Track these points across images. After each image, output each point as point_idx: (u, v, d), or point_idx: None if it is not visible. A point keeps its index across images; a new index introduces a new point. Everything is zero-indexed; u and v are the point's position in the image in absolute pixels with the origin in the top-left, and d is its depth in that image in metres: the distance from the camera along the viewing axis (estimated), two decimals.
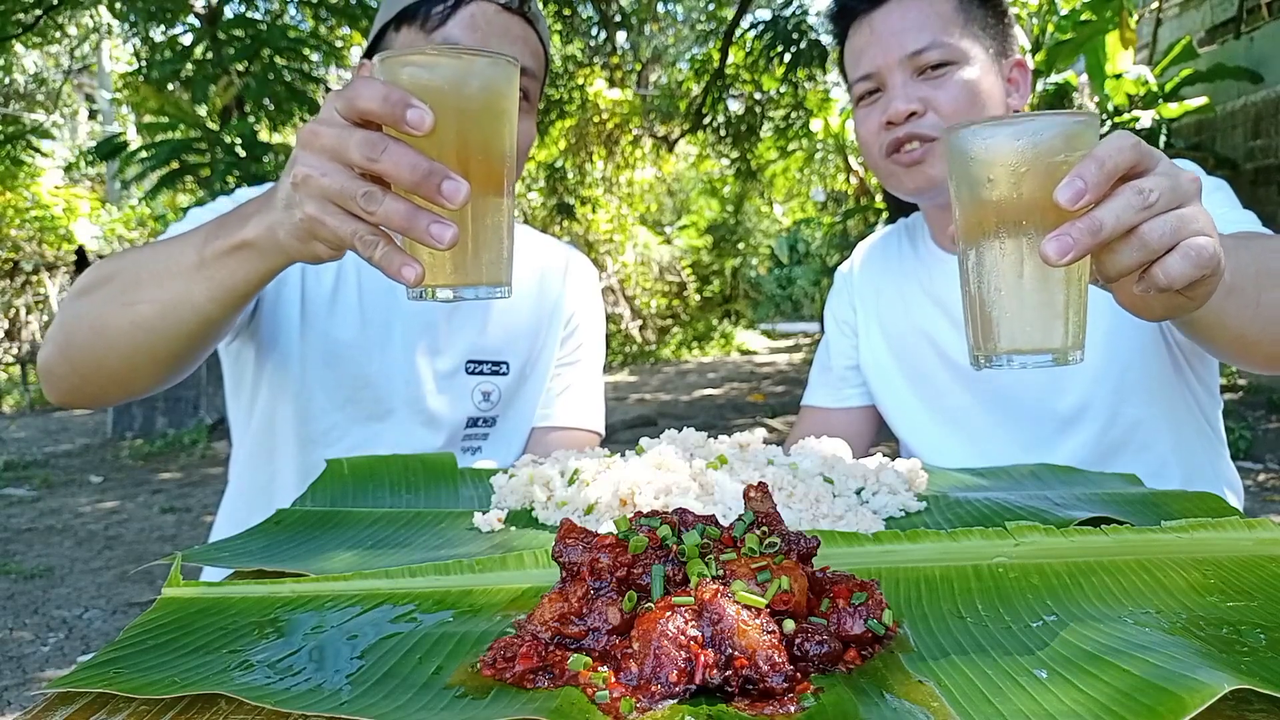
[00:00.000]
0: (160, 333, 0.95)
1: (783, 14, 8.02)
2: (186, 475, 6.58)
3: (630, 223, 14.50)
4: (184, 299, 0.92)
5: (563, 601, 0.63)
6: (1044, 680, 0.57)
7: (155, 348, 0.97)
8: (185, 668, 0.63)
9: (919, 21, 1.31)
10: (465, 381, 1.44)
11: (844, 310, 1.62)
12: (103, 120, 18.82)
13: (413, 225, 0.72)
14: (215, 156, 6.77)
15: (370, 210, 0.73)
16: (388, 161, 0.71)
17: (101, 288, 0.99)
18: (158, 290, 0.93)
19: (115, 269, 1.00)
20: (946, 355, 1.45)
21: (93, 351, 0.99)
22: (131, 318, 0.95)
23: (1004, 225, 0.71)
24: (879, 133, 1.35)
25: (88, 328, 0.99)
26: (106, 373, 1.01)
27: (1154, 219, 0.69)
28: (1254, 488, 4.89)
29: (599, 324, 1.61)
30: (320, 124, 0.75)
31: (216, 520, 1.47)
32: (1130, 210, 0.68)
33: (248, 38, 7.25)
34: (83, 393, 1.06)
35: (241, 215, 0.88)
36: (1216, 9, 9.48)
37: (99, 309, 0.98)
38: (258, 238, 0.85)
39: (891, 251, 1.58)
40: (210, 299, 0.92)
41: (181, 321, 0.94)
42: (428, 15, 1.26)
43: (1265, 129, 8.29)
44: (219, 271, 0.89)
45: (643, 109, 13.05)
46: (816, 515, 0.95)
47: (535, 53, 1.32)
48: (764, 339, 16.73)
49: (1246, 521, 0.84)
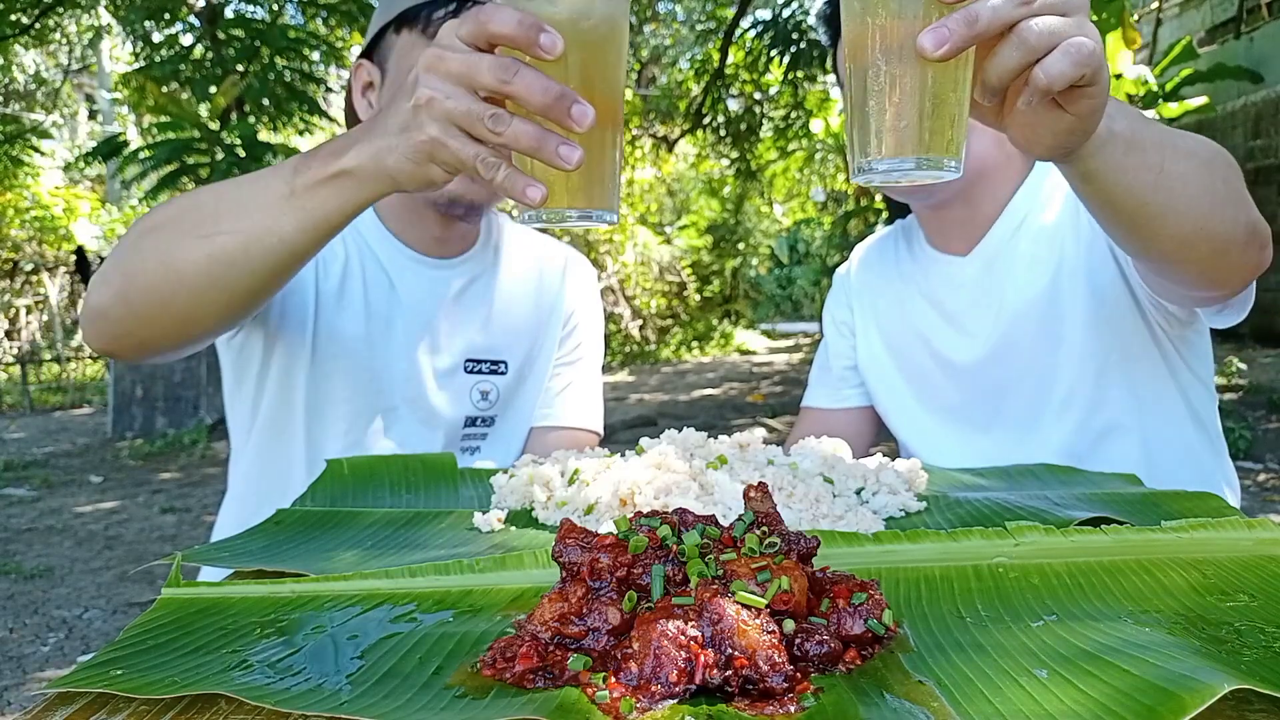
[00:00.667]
0: (241, 265, 0.92)
1: (782, 14, 8.02)
2: (186, 475, 6.58)
3: (630, 223, 14.50)
4: (271, 229, 0.90)
5: (563, 601, 0.63)
6: (1044, 680, 0.57)
7: (233, 283, 0.93)
8: (185, 668, 0.63)
9: None
10: (464, 380, 1.44)
11: (842, 311, 1.63)
12: (103, 120, 18.82)
13: (543, 146, 0.73)
14: (215, 157, 6.77)
15: (498, 131, 0.73)
16: (520, 84, 0.72)
17: (172, 224, 0.95)
18: (241, 221, 0.91)
19: (189, 204, 0.96)
20: (941, 354, 1.46)
21: (159, 291, 0.95)
22: (209, 250, 0.92)
23: (886, 29, 0.71)
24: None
25: (156, 263, 0.94)
26: (172, 313, 0.97)
27: (1034, 18, 0.69)
28: (1254, 488, 4.89)
29: (598, 323, 1.61)
30: (444, 49, 0.76)
31: (217, 522, 1.46)
32: (1009, 4, 0.68)
33: (248, 38, 7.26)
34: (136, 338, 1.01)
35: (334, 149, 0.87)
36: (1216, 9, 9.49)
37: (169, 243, 0.94)
38: (359, 166, 0.84)
39: (888, 253, 1.59)
40: (299, 229, 0.90)
41: (267, 252, 0.91)
42: (429, 20, 1.25)
43: (1265, 129, 8.30)
44: (310, 201, 0.88)
45: (643, 109, 13.05)
46: (816, 515, 0.95)
47: None
48: (764, 339, 16.74)
49: (1246, 521, 0.84)
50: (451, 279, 1.43)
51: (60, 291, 12.33)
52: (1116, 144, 0.84)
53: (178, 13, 7.46)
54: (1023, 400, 1.41)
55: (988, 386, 1.43)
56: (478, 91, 0.75)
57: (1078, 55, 0.70)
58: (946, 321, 1.45)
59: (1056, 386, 1.38)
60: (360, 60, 1.36)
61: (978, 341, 1.42)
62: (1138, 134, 0.86)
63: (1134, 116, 0.88)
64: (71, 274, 12.37)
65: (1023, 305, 1.38)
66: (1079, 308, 1.35)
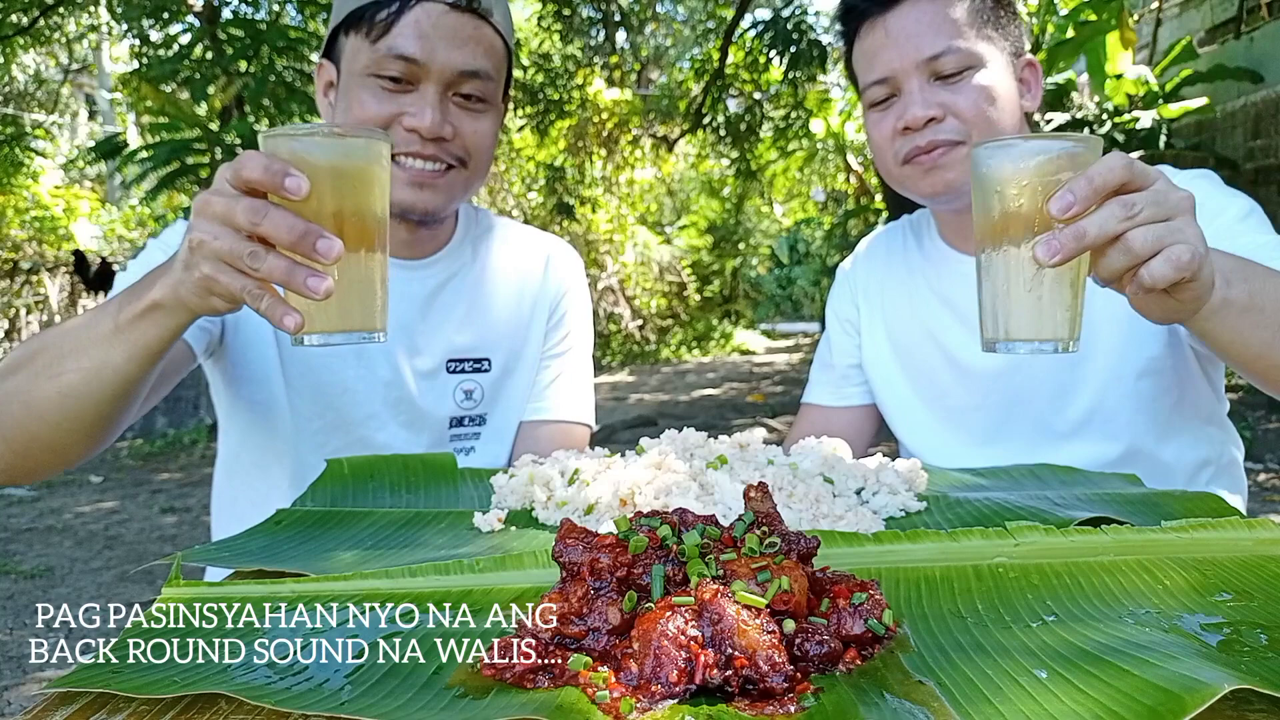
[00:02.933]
0: (86, 397, 1.03)
1: (783, 14, 8.02)
2: (186, 475, 6.58)
3: (630, 223, 14.50)
4: (105, 363, 1.00)
5: (563, 601, 0.63)
6: (1044, 680, 0.57)
7: (83, 412, 1.04)
8: (185, 668, 0.63)
9: (934, 23, 1.28)
10: (446, 381, 1.42)
11: (846, 308, 1.60)
12: (103, 120, 18.82)
13: (291, 279, 0.82)
14: (215, 157, 6.76)
15: (255, 267, 0.83)
16: (269, 224, 0.82)
17: (27, 365, 1.05)
18: (81, 359, 1.01)
19: (38, 346, 1.06)
20: (952, 355, 1.43)
21: (25, 426, 1.06)
22: (59, 387, 1.03)
23: (1012, 230, 0.82)
24: (894, 138, 1.32)
25: (18, 404, 1.05)
26: (41, 444, 1.08)
27: (1138, 228, 0.78)
28: (1254, 488, 4.89)
29: (585, 313, 1.58)
30: (212, 194, 0.85)
31: (212, 525, 1.46)
32: (1114, 220, 0.78)
33: (247, 37, 7.25)
34: (18, 469, 1.12)
35: (149, 280, 0.98)
36: (1216, 9, 9.49)
37: (27, 385, 1.05)
38: (164, 298, 0.94)
39: (896, 248, 1.55)
40: (129, 359, 1.00)
41: (105, 384, 1.02)
42: (373, 21, 1.24)
43: (1265, 129, 8.29)
44: (133, 334, 0.98)
45: (642, 109, 13.05)
46: (816, 515, 0.95)
47: (490, 49, 1.29)
48: (764, 339, 16.73)
49: (1246, 521, 0.84)
50: (425, 279, 1.42)
51: (60, 292, 12.33)
52: (1230, 309, 0.91)
53: (177, 13, 7.45)
54: (1036, 413, 1.37)
55: (1001, 393, 1.39)
56: (240, 230, 0.84)
57: (1178, 262, 0.78)
58: (960, 321, 1.42)
59: (1075, 403, 1.35)
60: (321, 60, 1.36)
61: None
62: (1256, 297, 0.93)
63: (1258, 278, 0.94)
64: (71, 274, 12.38)
65: None
66: (1113, 328, 1.31)
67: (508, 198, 13.89)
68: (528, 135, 12.68)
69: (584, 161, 13.64)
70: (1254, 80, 8.31)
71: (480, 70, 1.27)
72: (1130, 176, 0.79)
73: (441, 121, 1.26)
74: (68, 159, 14.76)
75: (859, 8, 1.34)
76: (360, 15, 1.26)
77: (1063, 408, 1.35)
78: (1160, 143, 7.98)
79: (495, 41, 1.30)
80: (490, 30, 1.29)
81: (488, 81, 1.29)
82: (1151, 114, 8.02)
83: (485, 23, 1.28)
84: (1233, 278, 0.92)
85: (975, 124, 1.28)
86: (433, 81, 1.25)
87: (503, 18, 1.32)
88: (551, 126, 11.43)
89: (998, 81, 1.30)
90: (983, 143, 0.85)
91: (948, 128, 1.28)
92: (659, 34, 14.41)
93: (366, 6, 1.25)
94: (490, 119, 1.33)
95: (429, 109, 1.25)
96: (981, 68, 1.29)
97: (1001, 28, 1.33)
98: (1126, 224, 0.78)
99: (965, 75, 1.28)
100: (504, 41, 1.32)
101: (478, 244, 1.49)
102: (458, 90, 1.28)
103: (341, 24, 1.29)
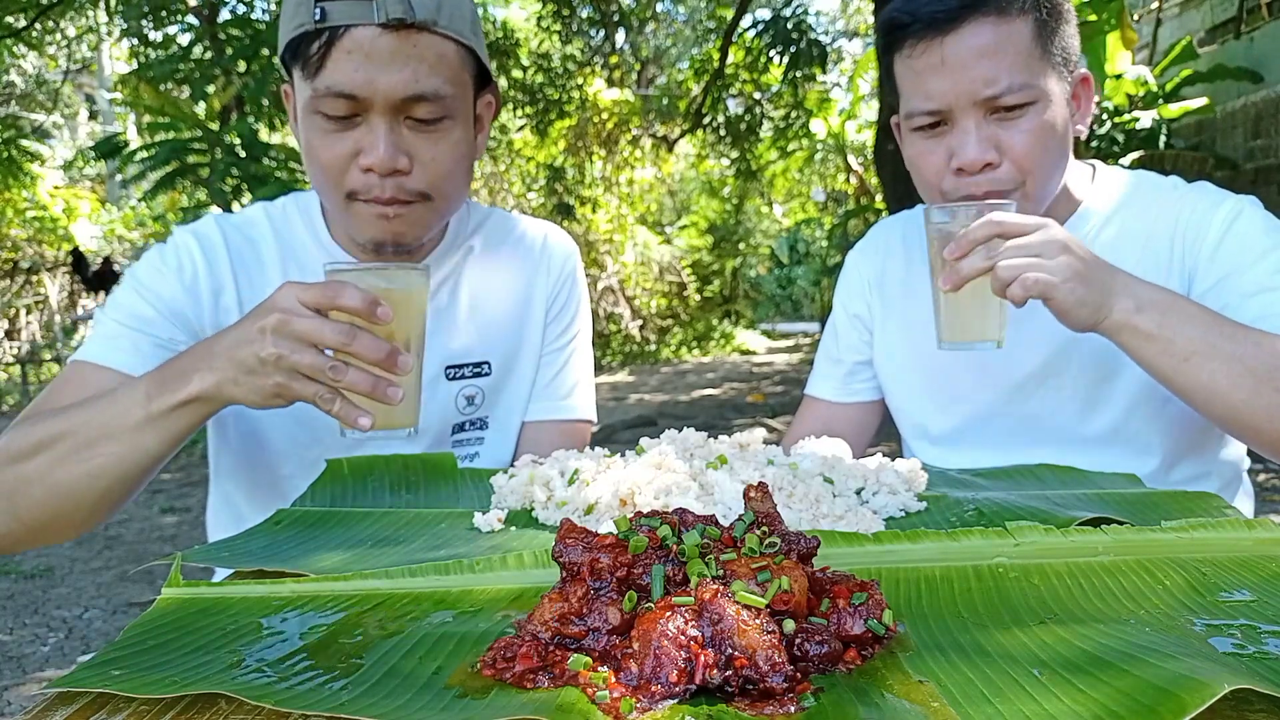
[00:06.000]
0: (116, 479, 1.08)
1: (783, 14, 8.02)
2: (186, 475, 6.58)
3: (630, 223, 14.50)
4: (136, 447, 1.06)
5: (563, 601, 0.63)
6: (1044, 680, 0.57)
7: (111, 490, 1.09)
8: (185, 668, 0.63)
9: (996, 51, 1.20)
10: (446, 388, 1.39)
11: (857, 304, 1.54)
12: (103, 120, 18.82)
13: (375, 389, 0.98)
14: (215, 156, 6.76)
15: (338, 379, 0.97)
16: (359, 346, 0.96)
17: (48, 449, 1.08)
18: (111, 444, 1.06)
19: (61, 430, 1.08)
20: (975, 359, 1.38)
21: (46, 505, 1.09)
22: (88, 469, 1.07)
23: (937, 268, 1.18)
24: (944, 172, 1.26)
25: (41, 487, 1.08)
26: (64, 520, 1.11)
27: (1003, 261, 1.08)
28: (1254, 488, 4.87)
29: (583, 305, 1.54)
30: (289, 313, 0.97)
31: (208, 529, 1.45)
32: (979, 258, 1.10)
33: (246, 37, 7.24)
34: (25, 542, 1.14)
35: (180, 371, 1.04)
36: (1216, 9, 9.49)
37: (50, 468, 1.07)
38: (205, 392, 1.02)
39: (913, 239, 1.49)
40: (161, 443, 1.07)
41: (135, 465, 1.08)
42: (307, 57, 1.17)
43: (1265, 129, 8.29)
44: (167, 421, 1.05)
45: (642, 109, 13.05)
46: (816, 515, 0.95)
47: (438, 62, 1.18)
48: (764, 339, 16.73)
49: (1246, 521, 0.84)
50: None
51: (60, 291, 12.33)
52: (1134, 333, 1.08)
53: (176, 13, 7.45)
54: (1056, 425, 1.34)
55: (1021, 399, 1.36)
56: (326, 347, 0.97)
57: (1026, 284, 1.06)
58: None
59: (1097, 418, 1.32)
60: (286, 89, 1.29)
61: (1019, 350, 1.33)
62: (1165, 329, 1.08)
63: (1181, 317, 1.08)
64: (71, 274, 12.38)
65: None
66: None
67: (508, 198, 13.89)
68: (528, 135, 12.69)
69: (584, 161, 13.64)
70: (1254, 80, 8.31)
71: (427, 92, 1.17)
72: (1000, 230, 1.09)
73: (395, 154, 1.18)
74: (68, 162, 14.75)
75: (910, 25, 1.24)
76: (294, 49, 1.19)
77: (1085, 421, 1.33)
78: (1160, 143, 7.99)
79: (445, 49, 1.19)
80: (436, 39, 1.18)
81: (439, 100, 1.19)
82: (1151, 114, 8.03)
83: (428, 33, 1.17)
84: (1147, 307, 1.07)
85: (1029, 170, 1.23)
86: (377, 113, 1.17)
87: (452, 16, 1.19)
88: (551, 126, 11.43)
89: (1055, 116, 1.24)
90: (929, 206, 1.20)
91: (1002, 176, 1.23)
92: (659, 34, 14.42)
93: (299, 39, 1.18)
94: (452, 137, 1.23)
95: (380, 142, 1.17)
96: (1040, 102, 1.22)
97: (1059, 47, 1.25)
98: (991, 260, 1.08)
99: (1024, 110, 1.22)
100: (458, 43, 1.20)
101: (469, 243, 1.44)
102: (409, 115, 1.19)
103: (284, 55, 1.23)
